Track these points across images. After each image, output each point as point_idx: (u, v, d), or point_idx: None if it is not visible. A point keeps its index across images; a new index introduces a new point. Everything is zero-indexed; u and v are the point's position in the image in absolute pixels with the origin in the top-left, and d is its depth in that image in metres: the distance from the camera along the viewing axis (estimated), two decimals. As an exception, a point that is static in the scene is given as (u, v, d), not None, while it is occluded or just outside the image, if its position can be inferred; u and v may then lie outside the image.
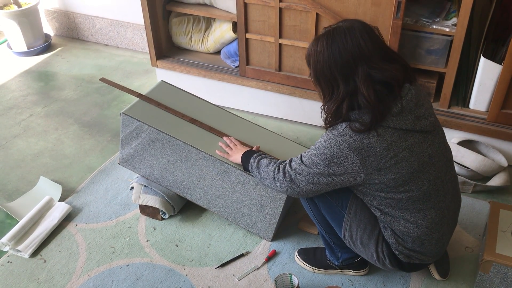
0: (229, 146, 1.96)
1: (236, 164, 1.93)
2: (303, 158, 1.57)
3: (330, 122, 1.52)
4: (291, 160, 1.63)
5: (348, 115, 1.47)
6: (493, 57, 2.27)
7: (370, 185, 1.53)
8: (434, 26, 2.26)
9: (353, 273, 1.91)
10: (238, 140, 1.99)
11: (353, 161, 1.47)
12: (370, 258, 1.70)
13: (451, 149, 2.35)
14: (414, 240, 1.59)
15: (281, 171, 1.63)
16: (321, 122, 1.57)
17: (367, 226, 1.64)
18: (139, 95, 2.17)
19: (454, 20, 2.24)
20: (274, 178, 1.65)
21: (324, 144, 1.50)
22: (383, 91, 1.42)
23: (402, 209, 1.56)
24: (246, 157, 1.84)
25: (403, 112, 1.44)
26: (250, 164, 1.79)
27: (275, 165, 1.67)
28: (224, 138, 2.00)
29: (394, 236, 1.61)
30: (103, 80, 2.31)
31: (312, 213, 1.78)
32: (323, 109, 1.53)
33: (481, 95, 2.34)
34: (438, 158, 1.54)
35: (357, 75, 1.42)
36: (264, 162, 1.73)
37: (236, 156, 1.89)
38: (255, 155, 1.80)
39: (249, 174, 1.88)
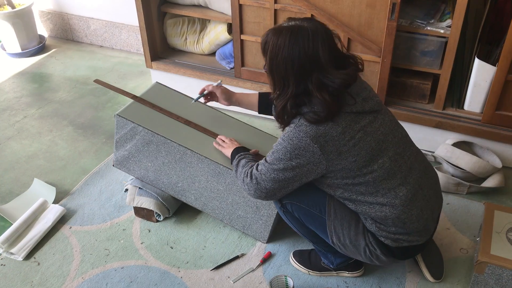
0: (225, 141, 1.98)
1: (230, 165, 1.93)
2: (267, 158, 1.61)
3: (283, 120, 1.57)
4: (258, 164, 1.65)
5: (299, 110, 1.52)
6: (487, 58, 2.28)
7: (335, 173, 1.55)
8: (428, 28, 2.26)
9: (349, 274, 1.91)
10: (237, 141, 1.99)
11: (313, 150, 1.50)
12: (363, 255, 1.69)
13: (446, 150, 2.37)
14: (394, 221, 1.59)
15: (248, 175, 1.66)
16: None
17: (351, 223, 1.65)
18: (133, 97, 2.16)
19: (448, 21, 2.24)
20: (243, 180, 1.68)
21: (284, 138, 1.54)
22: (338, 90, 1.47)
23: (372, 193, 1.57)
24: (233, 153, 1.86)
25: (351, 96, 1.50)
26: (233, 161, 1.82)
27: (247, 168, 1.69)
28: (223, 136, 2.01)
29: (375, 224, 1.62)
30: (97, 81, 2.31)
31: (295, 227, 1.80)
32: (274, 101, 1.58)
33: (475, 96, 2.35)
34: (393, 135, 1.59)
35: (311, 80, 1.46)
36: (242, 162, 1.75)
37: (228, 150, 1.91)
38: (240, 153, 1.82)
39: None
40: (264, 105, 1.98)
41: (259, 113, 2.01)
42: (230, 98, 2.04)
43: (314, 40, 1.44)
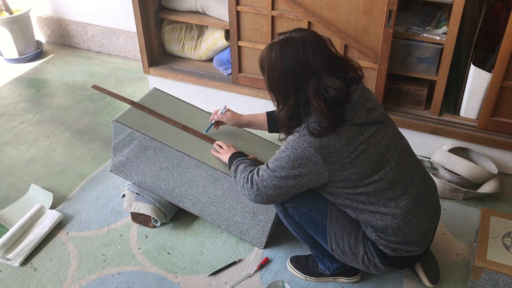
0: (222, 147, 1.98)
1: (228, 171, 1.93)
2: (268, 164, 1.61)
3: (287, 131, 1.58)
4: (259, 169, 1.65)
5: (303, 120, 1.52)
6: (483, 65, 2.30)
7: (336, 183, 1.56)
8: (424, 35, 2.28)
9: (346, 280, 1.91)
10: (234, 147, 1.99)
11: (316, 160, 1.50)
12: (361, 263, 1.70)
13: (442, 156, 2.38)
14: (395, 231, 1.60)
15: (249, 180, 1.66)
16: None
17: (351, 230, 1.65)
18: (131, 102, 2.16)
19: (444, 28, 2.26)
20: (243, 185, 1.69)
21: (287, 146, 1.54)
22: (335, 98, 1.47)
23: (373, 203, 1.58)
24: (231, 158, 1.86)
25: (355, 107, 1.50)
26: (231, 166, 1.82)
27: (247, 173, 1.70)
28: (220, 142, 2.01)
29: (376, 232, 1.62)
30: (95, 87, 2.31)
31: (295, 232, 1.80)
32: (277, 116, 1.58)
33: (471, 103, 2.37)
34: (395, 146, 1.59)
35: (309, 87, 1.47)
36: (241, 167, 1.75)
37: (226, 155, 1.92)
38: (238, 158, 1.82)
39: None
40: (273, 123, 1.96)
41: (269, 132, 2.00)
42: (239, 122, 2.03)
43: (303, 48, 1.46)
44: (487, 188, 2.29)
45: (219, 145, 2.00)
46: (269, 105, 2.75)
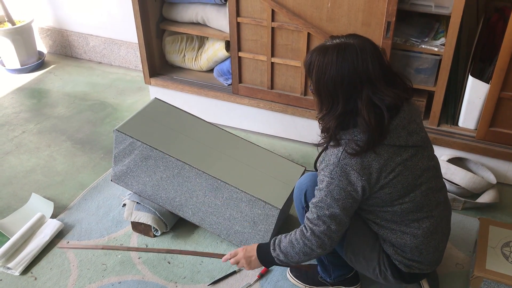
0: (238, 253, 1.73)
1: (228, 180, 1.95)
2: (317, 204, 1.51)
3: (326, 137, 1.52)
4: (306, 219, 1.55)
5: (342, 134, 1.48)
6: (480, 76, 2.32)
7: (368, 200, 1.55)
8: (423, 46, 2.31)
9: (346, 290, 1.92)
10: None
11: (362, 182, 1.46)
12: (372, 272, 1.70)
13: (441, 166, 2.39)
14: (412, 250, 1.61)
15: (304, 232, 1.54)
16: (313, 139, 1.58)
17: (368, 241, 1.66)
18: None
19: (442, 40, 2.29)
20: (305, 244, 1.54)
21: (331, 176, 1.47)
22: (383, 114, 1.43)
23: (397, 221, 1.58)
24: (262, 253, 1.66)
25: (396, 129, 1.46)
26: (271, 252, 1.62)
27: (292, 234, 1.57)
28: (228, 254, 1.76)
29: (393, 248, 1.63)
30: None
31: None
32: (319, 120, 1.52)
33: (469, 113, 2.39)
34: (428, 170, 1.57)
35: (360, 97, 1.41)
36: (283, 241, 1.60)
37: (251, 261, 1.68)
38: (268, 245, 1.64)
39: (282, 265, 1.67)
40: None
41: None
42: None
43: (363, 56, 1.40)
44: (486, 198, 2.30)
45: (232, 256, 1.74)
46: (269, 115, 2.78)
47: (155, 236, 2.18)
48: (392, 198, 1.53)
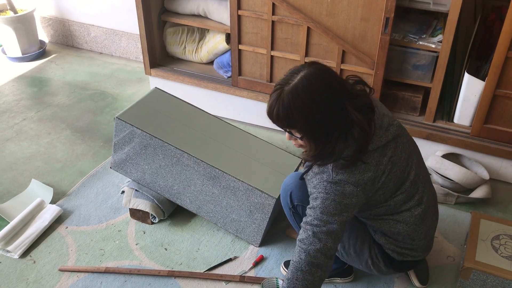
0: None
1: (226, 169, 1.98)
2: (311, 222, 1.46)
3: (321, 163, 1.49)
4: (298, 241, 1.48)
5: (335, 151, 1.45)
6: (476, 73, 2.35)
7: (363, 205, 1.57)
8: (420, 42, 2.34)
9: (340, 281, 1.95)
10: None
11: (357, 193, 1.48)
12: (364, 265, 1.74)
13: (436, 161, 2.42)
14: (405, 237, 1.65)
15: (307, 236, 1.46)
16: None
17: (359, 234, 1.70)
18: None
19: (439, 37, 2.32)
20: (302, 272, 1.45)
21: (326, 191, 1.46)
22: (368, 115, 1.43)
23: (390, 213, 1.63)
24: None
25: (375, 131, 1.47)
26: (288, 275, 1.49)
27: (297, 250, 1.49)
28: None
29: (385, 237, 1.67)
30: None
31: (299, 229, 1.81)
32: (315, 158, 1.47)
33: (465, 110, 2.42)
34: (411, 157, 1.60)
35: (345, 109, 1.39)
36: (292, 267, 1.48)
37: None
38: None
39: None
40: None
41: None
42: None
43: (323, 74, 1.40)
44: (478, 193, 2.34)
45: None
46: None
47: (152, 223, 2.21)
48: (385, 197, 1.57)
